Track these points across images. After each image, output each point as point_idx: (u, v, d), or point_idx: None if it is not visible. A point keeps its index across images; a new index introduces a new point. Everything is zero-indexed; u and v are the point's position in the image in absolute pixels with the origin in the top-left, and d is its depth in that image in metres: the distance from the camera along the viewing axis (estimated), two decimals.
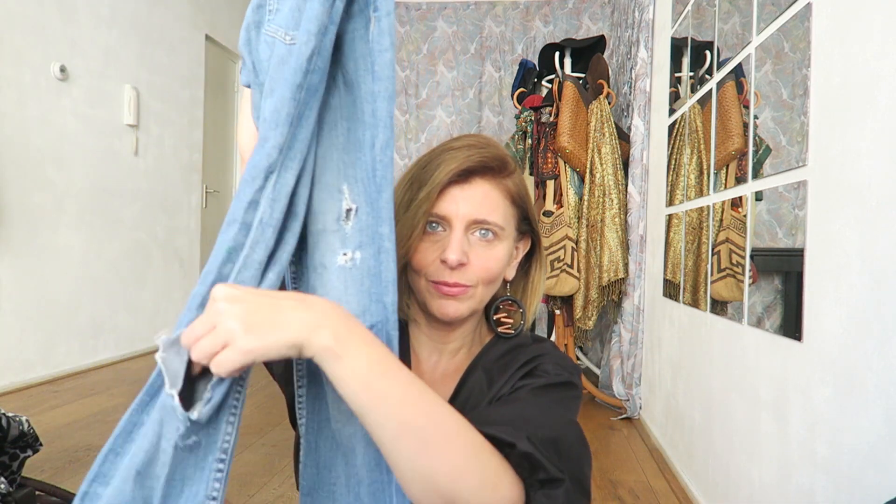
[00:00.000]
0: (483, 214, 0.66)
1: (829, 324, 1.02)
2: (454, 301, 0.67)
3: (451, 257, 0.64)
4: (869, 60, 0.93)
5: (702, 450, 1.68)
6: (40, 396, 2.69)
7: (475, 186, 0.67)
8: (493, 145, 0.69)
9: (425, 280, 0.67)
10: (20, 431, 1.30)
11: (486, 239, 0.67)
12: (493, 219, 0.67)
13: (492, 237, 0.67)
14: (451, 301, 0.67)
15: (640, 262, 2.59)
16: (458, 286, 0.66)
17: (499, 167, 0.68)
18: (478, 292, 0.68)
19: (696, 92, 1.88)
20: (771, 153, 1.29)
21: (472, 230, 0.67)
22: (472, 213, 0.66)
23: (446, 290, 0.66)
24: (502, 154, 0.69)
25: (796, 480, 1.11)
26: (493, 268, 0.67)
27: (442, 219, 0.66)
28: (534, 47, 4.21)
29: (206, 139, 4.41)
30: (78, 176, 3.16)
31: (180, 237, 4.11)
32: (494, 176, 0.68)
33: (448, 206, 0.66)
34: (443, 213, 0.66)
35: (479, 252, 0.67)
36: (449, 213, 0.66)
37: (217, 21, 4.53)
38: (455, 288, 0.66)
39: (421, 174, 0.67)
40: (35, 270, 2.90)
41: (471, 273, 0.66)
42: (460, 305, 0.67)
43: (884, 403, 0.86)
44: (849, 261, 0.96)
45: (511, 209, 0.70)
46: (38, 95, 2.89)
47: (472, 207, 0.66)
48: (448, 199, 0.66)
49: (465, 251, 0.66)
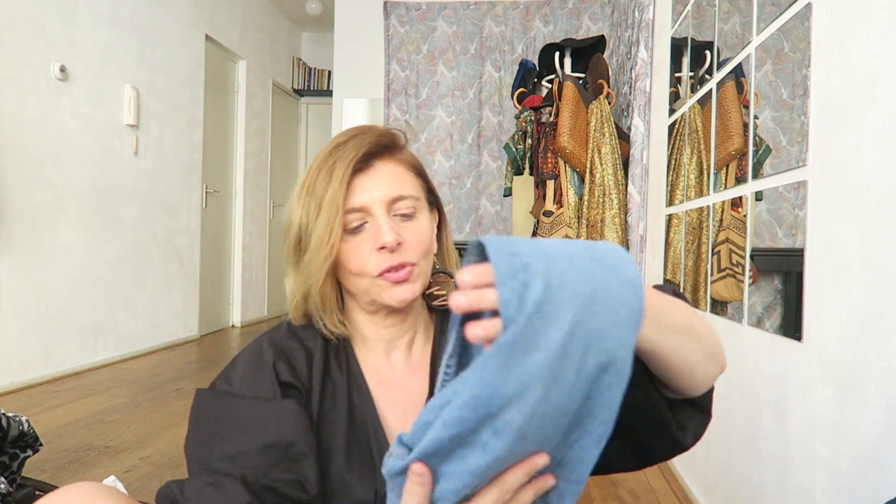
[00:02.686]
0: (397, 191, 0.67)
1: (829, 324, 1.02)
2: (408, 284, 0.67)
3: (387, 239, 0.64)
4: (869, 60, 0.93)
5: (702, 450, 1.68)
6: (40, 396, 2.69)
7: (379, 168, 0.68)
8: (376, 127, 0.70)
9: (369, 278, 0.67)
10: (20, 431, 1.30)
11: (407, 215, 0.68)
12: (407, 192, 0.68)
13: (412, 211, 0.68)
14: (405, 285, 0.67)
15: (640, 262, 2.59)
16: (404, 266, 0.66)
17: (392, 143, 0.70)
18: (422, 268, 0.68)
19: (696, 92, 1.88)
20: (771, 153, 1.29)
21: (393, 210, 0.67)
22: (387, 193, 0.67)
23: (395, 277, 0.66)
24: (390, 131, 0.71)
25: (796, 480, 1.11)
26: (425, 239, 0.69)
27: (360, 210, 0.66)
28: (534, 47, 4.21)
29: (206, 139, 4.41)
30: (78, 176, 3.16)
31: (180, 237, 4.11)
32: (392, 153, 0.70)
33: (361, 196, 0.66)
34: (359, 205, 0.66)
35: (407, 228, 0.67)
36: (365, 203, 0.66)
37: (217, 21, 4.53)
38: (402, 270, 0.66)
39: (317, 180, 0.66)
40: (35, 270, 2.90)
41: (409, 249, 0.67)
42: (414, 286, 0.68)
43: (884, 403, 0.86)
44: (849, 261, 0.96)
45: (417, 180, 0.71)
46: (38, 95, 2.89)
47: (385, 188, 0.67)
48: (358, 190, 0.66)
49: (397, 231, 0.66)
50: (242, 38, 4.94)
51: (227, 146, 4.84)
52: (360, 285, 0.68)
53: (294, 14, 5.79)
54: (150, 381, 3.04)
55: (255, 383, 0.65)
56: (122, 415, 2.46)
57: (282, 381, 0.66)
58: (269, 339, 0.70)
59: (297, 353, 0.69)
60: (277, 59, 5.65)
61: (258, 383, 0.65)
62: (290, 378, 0.67)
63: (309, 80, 6.09)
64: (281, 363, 0.67)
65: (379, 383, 0.72)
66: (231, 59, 4.87)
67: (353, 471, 0.64)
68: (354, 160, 0.66)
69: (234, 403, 0.63)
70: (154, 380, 3.06)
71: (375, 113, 4.54)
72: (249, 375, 0.66)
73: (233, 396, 0.64)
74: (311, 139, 6.25)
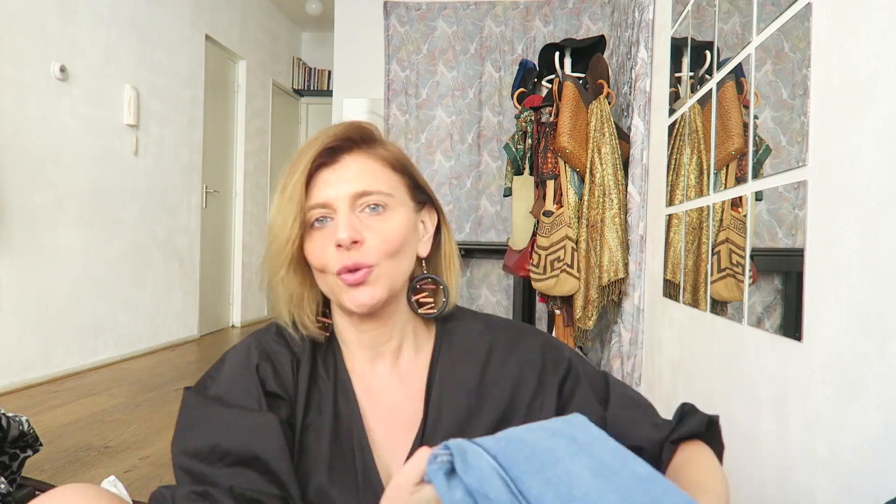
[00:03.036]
0: (363, 185, 0.63)
1: (829, 324, 1.02)
2: (365, 287, 0.63)
3: (340, 236, 0.61)
4: (869, 60, 0.93)
5: None
6: (40, 396, 2.69)
7: (346, 162, 0.64)
8: (355, 123, 0.67)
9: (332, 276, 0.64)
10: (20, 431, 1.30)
11: (376, 212, 0.64)
12: (375, 187, 0.64)
13: (382, 209, 0.64)
14: (362, 288, 0.63)
15: (640, 262, 2.59)
16: (360, 267, 0.62)
17: (364, 137, 0.66)
18: (384, 269, 0.64)
19: (696, 92, 1.88)
20: (771, 153, 1.29)
21: (360, 207, 0.64)
22: (350, 188, 0.63)
23: (351, 279, 0.62)
24: (364, 126, 0.67)
25: (796, 480, 1.11)
26: (392, 238, 0.64)
27: (323, 206, 0.63)
28: (534, 47, 4.21)
29: (206, 139, 4.41)
30: (78, 176, 3.16)
31: (180, 237, 4.11)
32: (361, 147, 0.65)
33: (324, 191, 0.63)
34: (322, 200, 0.63)
35: (373, 226, 0.63)
36: (328, 198, 0.63)
37: (217, 21, 4.53)
38: (357, 272, 0.62)
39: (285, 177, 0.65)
40: (35, 270, 2.90)
41: (369, 250, 0.63)
42: (374, 290, 0.63)
43: (884, 403, 0.86)
44: (849, 261, 0.96)
45: (394, 175, 0.66)
46: (38, 95, 2.89)
47: (350, 183, 0.63)
48: (321, 183, 0.63)
49: (356, 228, 0.62)
50: (242, 38, 4.94)
51: (227, 146, 4.84)
52: (325, 284, 0.66)
53: (294, 14, 5.79)
54: (150, 381, 3.04)
55: (241, 389, 0.65)
56: (122, 415, 2.46)
57: (267, 391, 0.65)
58: (257, 343, 0.69)
59: (283, 360, 0.67)
60: (277, 59, 5.65)
61: (243, 390, 0.64)
62: (275, 388, 0.65)
63: (309, 80, 6.09)
64: (266, 368, 0.66)
65: (366, 392, 0.70)
66: (231, 59, 4.87)
67: (334, 483, 0.63)
68: (316, 153, 0.63)
69: (218, 411, 0.63)
70: (154, 380, 3.06)
71: (375, 113, 4.54)
72: (236, 380, 0.65)
73: (218, 403, 0.63)
74: None
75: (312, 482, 0.63)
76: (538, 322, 3.93)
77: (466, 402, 0.69)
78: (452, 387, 0.70)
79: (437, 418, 0.68)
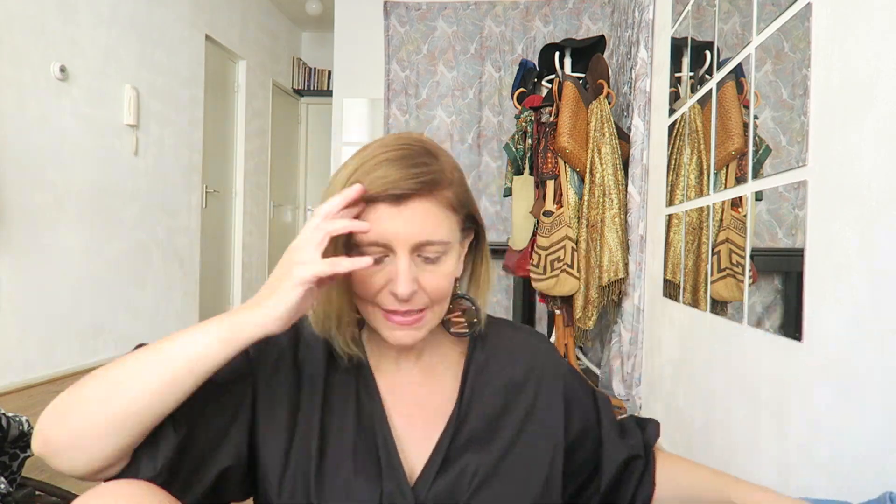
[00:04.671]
0: (426, 235, 0.60)
1: (829, 324, 1.02)
2: (410, 329, 0.63)
3: (401, 292, 0.59)
4: (869, 60, 0.93)
5: (702, 450, 1.68)
6: (40, 396, 2.69)
7: (412, 207, 0.59)
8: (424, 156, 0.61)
9: (373, 310, 0.63)
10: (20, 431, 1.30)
11: (430, 261, 0.62)
12: (437, 237, 0.61)
13: (437, 256, 0.62)
14: (406, 330, 0.62)
15: (640, 262, 2.59)
16: (411, 314, 0.62)
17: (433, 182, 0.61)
18: (431, 315, 0.64)
19: (696, 92, 1.88)
20: (771, 153, 1.29)
21: (417, 253, 0.61)
22: (414, 235, 0.59)
23: (399, 320, 0.62)
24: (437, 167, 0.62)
25: (796, 481, 1.11)
26: (444, 286, 0.63)
27: (382, 246, 0.60)
28: (534, 47, 4.21)
29: (206, 139, 4.41)
30: (78, 176, 3.16)
31: (180, 237, 4.11)
32: (432, 191, 0.61)
33: (385, 230, 0.59)
34: (383, 241, 0.59)
35: (427, 274, 0.61)
36: (388, 239, 0.59)
37: (217, 21, 4.53)
38: (408, 316, 0.62)
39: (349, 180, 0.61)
40: (35, 270, 2.90)
41: (421, 298, 0.62)
42: (417, 333, 0.63)
43: (884, 403, 0.86)
44: (849, 261, 0.96)
45: (453, 218, 0.64)
46: (38, 95, 2.89)
47: (414, 229, 0.59)
48: (381, 219, 0.59)
49: (413, 277, 0.60)
50: (242, 38, 4.94)
51: (227, 146, 4.84)
52: (365, 310, 0.65)
53: (294, 14, 5.79)
54: None
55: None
56: None
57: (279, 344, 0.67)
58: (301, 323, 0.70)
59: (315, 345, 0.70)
60: (277, 59, 5.65)
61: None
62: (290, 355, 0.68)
63: (309, 80, 6.09)
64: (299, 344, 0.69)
65: (389, 386, 0.71)
66: (231, 59, 4.87)
67: (359, 473, 0.64)
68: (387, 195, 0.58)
69: None
70: None
71: (375, 113, 4.55)
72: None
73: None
74: (311, 139, 6.25)
75: (341, 471, 0.64)
76: (538, 322, 3.93)
77: (502, 399, 0.71)
78: (485, 384, 0.72)
79: (466, 413, 0.70)
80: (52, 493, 1.32)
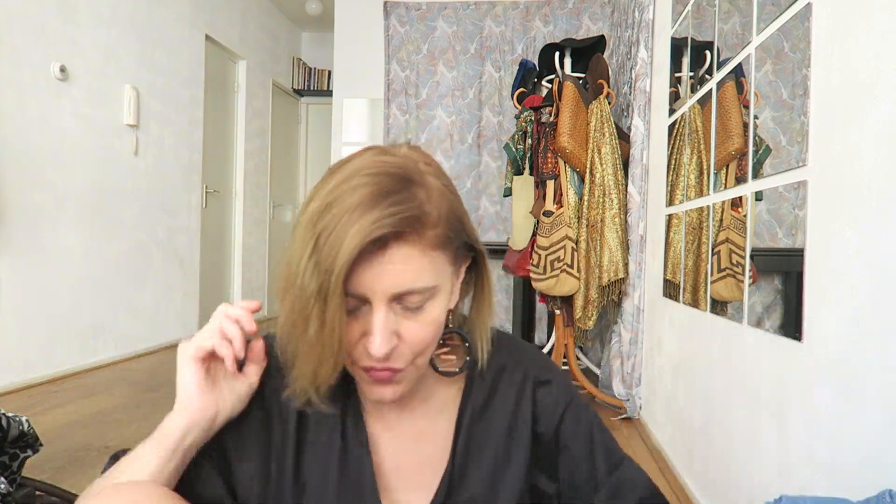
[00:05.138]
0: (407, 284, 0.52)
1: (829, 324, 1.02)
2: (390, 385, 0.57)
3: (376, 352, 0.52)
4: (869, 60, 0.93)
5: (702, 450, 1.68)
6: (40, 396, 2.69)
7: (391, 253, 0.51)
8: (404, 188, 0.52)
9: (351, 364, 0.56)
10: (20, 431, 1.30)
11: (415, 308, 0.54)
12: (420, 284, 0.53)
13: (419, 305, 0.54)
14: (386, 386, 0.57)
15: (640, 262, 2.59)
16: (388, 370, 0.55)
17: (414, 220, 0.51)
18: (412, 370, 0.57)
19: (696, 92, 1.88)
20: (771, 153, 1.29)
21: (397, 302, 0.53)
22: (392, 286, 0.52)
23: (378, 375, 0.55)
24: (419, 199, 0.52)
25: (796, 481, 1.11)
26: (428, 337, 0.55)
27: (358, 298, 0.52)
28: (534, 47, 4.21)
29: (206, 139, 4.41)
30: (78, 176, 3.16)
31: (180, 237, 4.11)
32: (414, 231, 0.52)
33: (362, 283, 0.51)
34: (359, 293, 0.52)
35: (409, 325, 0.54)
36: (365, 291, 0.51)
37: (217, 21, 4.53)
38: (385, 372, 0.55)
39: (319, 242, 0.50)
40: (35, 270, 2.90)
41: (403, 351, 0.55)
42: (398, 388, 0.57)
43: (884, 403, 0.86)
44: (849, 261, 0.96)
45: (441, 255, 0.54)
46: (38, 95, 2.89)
47: (392, 279, 0.51)
48: (361, 271, 0.51)
49: (392, 331, 0.53)
50: (242, 38, 4.94)
51: (227, 146, 4.84)
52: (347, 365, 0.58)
53: (294, 14, 5.79)
54: (150, 381, 3.04)
55: None
56: (122, 415, 2.46)
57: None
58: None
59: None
60: (277, 59, 5.65)
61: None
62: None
63: (309, 80, 6.09)
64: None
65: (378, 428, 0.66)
66: (231, 59, 4.87)
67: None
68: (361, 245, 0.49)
69: None
70: (154, 380, 3.06)
71: (375, 113, 4.54)
72: None
73: None
74: (311, 139, 6.25)
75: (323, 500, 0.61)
76: (538, 322, 3.93)
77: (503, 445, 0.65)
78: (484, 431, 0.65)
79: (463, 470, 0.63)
80: (52, 493, 1.32)
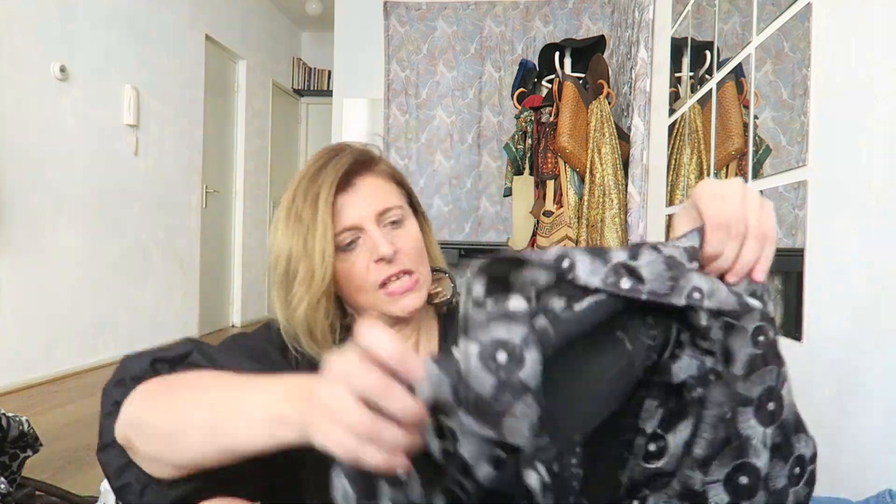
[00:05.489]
0: (382, 203, 0.69)
1: (829, 324, 1.02)
2: (412, 293, 0.69)
3: (384, 251, 0.66)
4: (869, 60, 0.93)
5: None
6: (41, 396, 2.69)
7: (361, 185, 0.69)
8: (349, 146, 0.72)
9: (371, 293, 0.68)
10: (20, 431, 1.30)
11: (397, 226, 0.70)
12: (392, 203, 0.70)
13: (400, 218, 0.70)
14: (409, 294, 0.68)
15: None
16: (403, 272, 0.68)
17: (367, 159, 0.71)
18: (421, 273, 0.70)
19: (696, 92, 1.88)
20: (771, 153, 1.29)
21: (383, 223, 0.69)
22: (373, 207, 0.68)
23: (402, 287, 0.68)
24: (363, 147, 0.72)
25: None
26: (417, 244, 0.71)
27: (352, 229, 0.67)
28: (534, 47, 4.21)
29: (206, 139, 4.41)
30: (78, 176, 3.16)
31: (180, 237, 4.11)
32: (369, 167, 0.71)
33: (350, 215, 0.67)
34: (350, 224, 0.67)
35: (399, 236, 0.69)
36: (355, 220, 0.67)
37: (217, 21, 4.53)
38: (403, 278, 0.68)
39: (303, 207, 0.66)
40: (35, 270, 2.90)
41: (405, 256, 0.68)
42: (420, 294, 0.70)
43: (884, 403, 0.86)
44: (849, 261, 0.96)
45: (397, 188, 0.73)
46: (38, 95, 2.89)
47: (371, 202, 0.68)
48: (345, 208, 0.67)
49: (390, 241, 0.67)
50: (242, 38, 4.94)
51: (227, 146, 4.84)
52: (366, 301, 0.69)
53: (294, 14, 5.79)
54: None
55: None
56: None
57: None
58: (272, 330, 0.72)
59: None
60: (277, 59, 5.64)
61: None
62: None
63: (309, 80, 6.09)
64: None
65: None
66: (231, 59, 4.87)
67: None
68: (336, 181, 0.66)
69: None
70: None
71: (375, 113, 4.54)
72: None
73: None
74: (311, 139, 6.25)
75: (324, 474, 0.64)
76: None
77: None
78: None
79: None
80: (52, 493, 1.32)
